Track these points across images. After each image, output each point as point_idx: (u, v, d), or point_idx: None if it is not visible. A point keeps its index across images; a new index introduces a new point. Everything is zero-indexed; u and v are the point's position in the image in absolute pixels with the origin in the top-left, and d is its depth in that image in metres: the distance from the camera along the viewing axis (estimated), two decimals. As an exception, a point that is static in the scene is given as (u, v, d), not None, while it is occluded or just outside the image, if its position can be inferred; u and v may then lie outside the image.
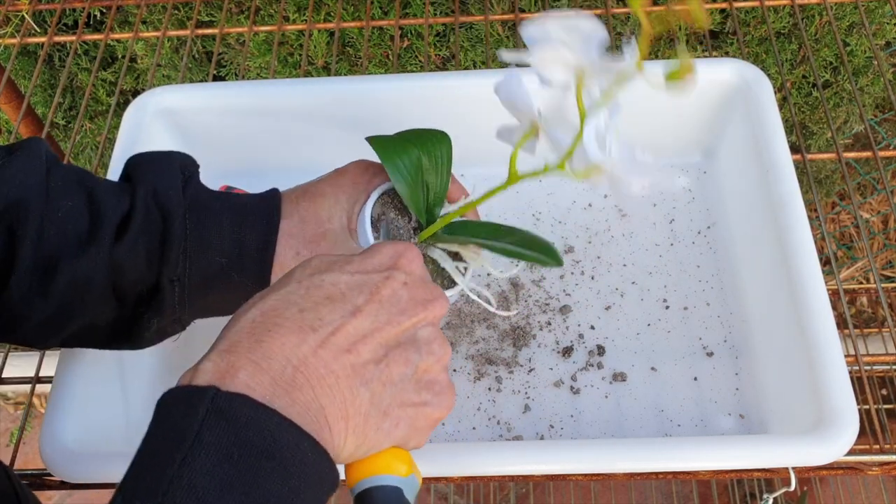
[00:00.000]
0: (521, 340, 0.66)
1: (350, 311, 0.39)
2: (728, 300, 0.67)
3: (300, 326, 0.37)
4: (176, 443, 0.32)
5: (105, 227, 0.47)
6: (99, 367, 0.58)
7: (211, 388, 0.34)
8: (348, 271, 0.41)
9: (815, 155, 0.72)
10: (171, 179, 0.50)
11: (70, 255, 0.46)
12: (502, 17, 0.87)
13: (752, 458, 0.51)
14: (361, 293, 0.39)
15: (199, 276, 0.50)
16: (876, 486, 1.35)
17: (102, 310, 0.49)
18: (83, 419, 0.55)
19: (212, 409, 0.33)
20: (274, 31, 0.88)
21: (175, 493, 0.31)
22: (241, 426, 0.33)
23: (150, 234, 0.48)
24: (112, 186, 0.50)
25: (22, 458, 0.60)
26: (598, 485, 1.39)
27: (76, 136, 1.09)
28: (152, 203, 0.49)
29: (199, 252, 0.49)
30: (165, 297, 0.49)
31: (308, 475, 0.34)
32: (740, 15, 1.00)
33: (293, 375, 0.36)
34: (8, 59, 0.99)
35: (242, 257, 0.50)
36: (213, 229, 0.49)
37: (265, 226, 0.50)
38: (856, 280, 1.43)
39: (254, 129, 0.72)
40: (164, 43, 1.02)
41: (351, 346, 0.38)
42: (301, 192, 0.53)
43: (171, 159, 0.51)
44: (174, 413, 0.34)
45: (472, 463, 0.52)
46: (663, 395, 0.62)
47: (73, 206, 0.47)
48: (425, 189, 0.52)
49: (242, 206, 0.51)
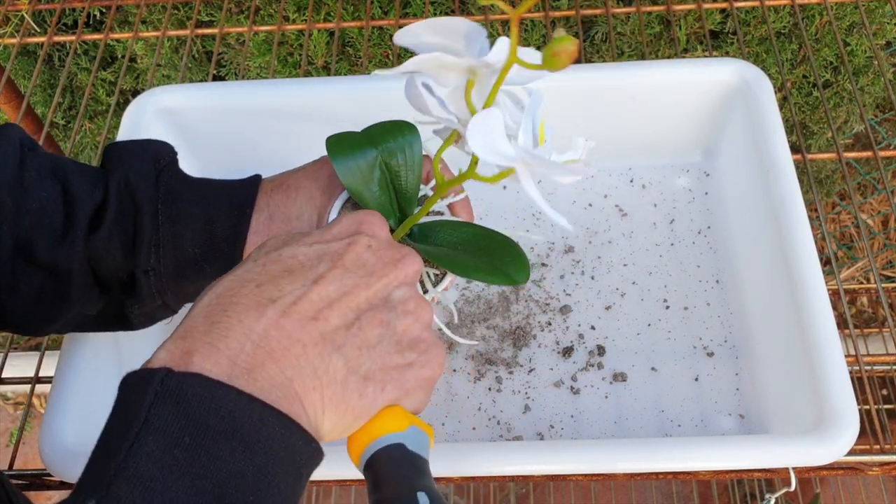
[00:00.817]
0: (521, 340, 0.66)
1: (312, 279, 0.37)
2: (728, 300, 0.67)
3: (258, 301, 0.35)
4: (124, 431, 0.31)
5: (79, 218, 0.46)
6: (99, 367, 0.58)
7: (161, 370, 0.32)
8: (306, 243, 0.39)
9: (816, 155, 0.72)
10: (144, 170, 0.49)
11: (46, 247, 0.46)
12: (502, 17, 0.87)
13: (753, 458, 0.51)
14: (322, 261, 0.38)
15: (172, 267, 0.49)
16: (876, 486, 1.35)
17: (87, 298, 0.48)
18: (83, 419, 0.55)
19: (161, 392, 0.31)
20: (274, 31, 0.88)
21: (119, 485, 0.29)
22: (193, 407, 0.31)
23: (123, 224, 0.48)
24: (87, 175, 0.49)
25: (22, 458, 0.60)
26: (598, 485, 1.39)
27: (76, 136, 1.09)
28: (125, 194, 0.48)
29: (171, 244, 0.48)
30: (142, 287, 0.48)
31: (276, 451, 0.33)
32: (740, 15, 1.00)
33: (253, 352, 0.34)
34: (8, 59, 0.99)
35: (213, 248, 0.49)
36: (185, 220, 0.48)
37: (236, 217, 0.49)
38: (856, 280, 1.43)
39: (254, 129, 0.72)
40: (164, 43, 1.02)
41: (317, 312, 0.36)
42: (277, 184, 0.51)
43: (145, 149, 0.50)
44: (125, 400, 0.32)
45: (472, 463, 0.51)
46: (663, 395, 0.62)
47: (46, 196, 0.47)
48: (390, 190, 0.49)
49: (216, 197, 0.50)
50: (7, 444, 1.64)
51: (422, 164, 0.49)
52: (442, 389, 0.64)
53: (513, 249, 0.48)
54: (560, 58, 0.36)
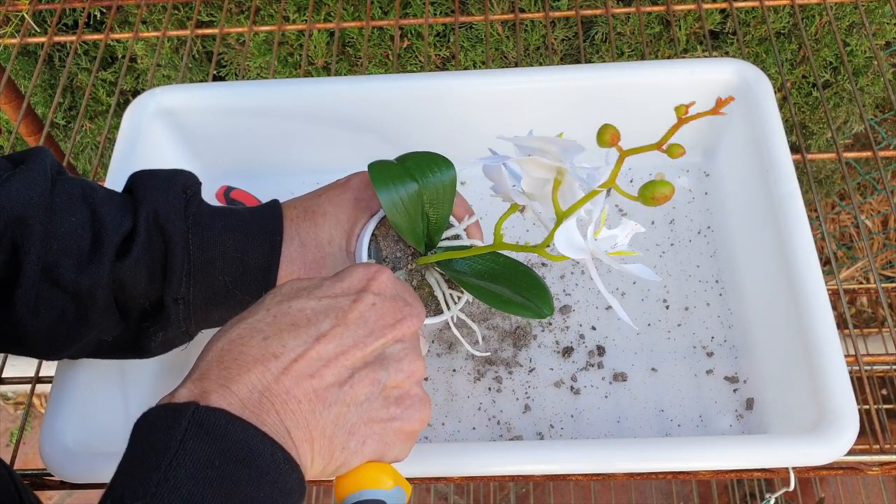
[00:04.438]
0: (521, 340, 0.66)
1: (314, 337, 0.40)
2: (728, 300, 0.67)
3: (263, 355, 0.39)
4: (161, 451, 0.34)
5: (107, 244, 0.48)
6: (99, 367, 0.58)
7: (192, 404, 0.36)
8: (316, 296, 0.42)
9: (815, 155, 0.72)
10: (173, 201, 0.50)
11: (72, 271, 0.47)
12: (502, 17, 0.87)
13: (752, 458, 0.51)
14: (328, 318, 0.41)
15: (203, 295, 0.50)
16: (876, 486, 1.35)
17: (106, 324, 0.49)
18: (83, 419, 0.55)
19: (193, 421, 0.35)
20: (274, 31, 0.88)
21: (162, 494, 0.33)
22: (220, 436, 0.35)
23: (151, 253, 0.49)
24: (115, 203, 0.50)
25: (22, 458, 0.60)
26: (598, 485, 1.39)
27: (76, 136, 1.09)
28: (153, 225, 0.49)
29: (202, 272, 0.50)
30: (171, 315, 0.50)
31: (281, 484, 0.36)
32: (740, 15, 1.00)
33: (259, 400, 0.37)
34: (8, 59, 0.99)
35: (246, 276, 0.51)
36: (216, 250, 0.50)
37: (268, 246, 0.51)
38: (856, 280, 1.43)
39: (254, 129, 0.72)
40: (164, 43, 1.02)
41: (314, 371, 0.39)
42: (302, 212, 0.53)
43: (173, 180, 0.52)
44: (157, 427, 0.36)
45: (472, 463, 0.52)
46: (663, 395, 0.62)
47: (75, 221, 0.48)
48: (425, 219, 0.52)
49: (245, 226, 0.51)
50: (7, 444, 1.64)
51: (453, 198, 0.53)
52: (442, 389, 0.64)
53: (536, 281, 0.52)
54: (657, 200, 0.40)
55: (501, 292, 0.51)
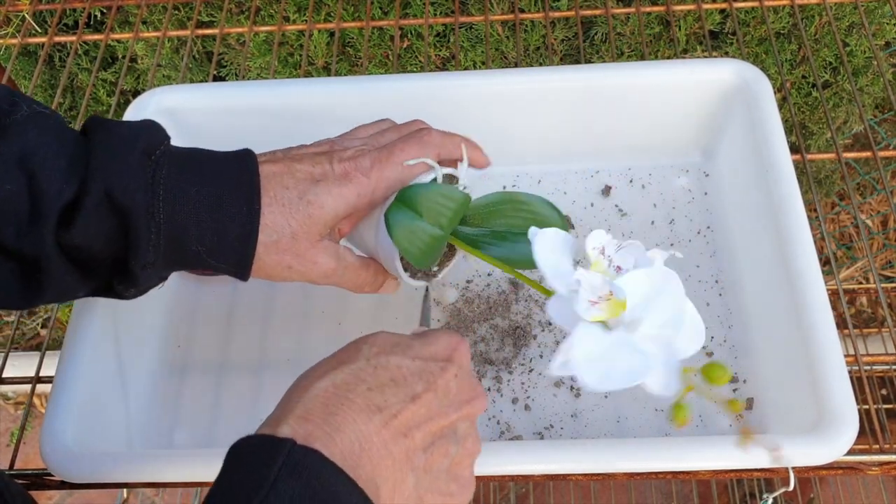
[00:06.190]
0: (521, 340, 0.66)
1: (410, 397, 0.41)
2: (728, 300, 0.67)
3: (368, 405, 0.40)
4: (254, 488, 0.35)
5: (46, 214, 0.45)
6: (99, 367, 0.58)
7: (288, 441, 0.37)
8: (410, 356, 0.43)
9: (815, 155, 0.72)
10: (133, 172, 0.46)
11: (13, 238, 0.45)
12: (502, 18, 0.87)
13: (752, 458, 0.51)
14: (421, 380, 0.42)
15: (173, 260, 0.48)
16: (876, 486, 1.36)
17: (66, 285, 0.47)
18: (83, 419, 0.55)
19: (287, 462, 0.36)
20: (274, 32, 0.88)
21: None
22: (311, 478, 0.36)
23: (102, 223, 0.46)
24: (61, 166, 0.46)
25: (22, 458, 0.60)
26: (598, 485, 1.39)
27: (76, 137, 1.09)
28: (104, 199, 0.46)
29: (173, 243, 0.47)
30: (138, 278, 0.48)
31: None
32: (740, 15, 1.00)
33: (359, 452, 0.38)
34: (8, 60, 0.99)
35: (222, 245, 0.48)
36: (189, 219, 0.47)
37: (246, 215, 0.48)
38: (855, 280, 1.43)
39: (254, 129, 0.72)
40: (165, 43, 1.02)
41: (408, 430, 0.40)
42: (284, 167, 0.52)
43: (134, 142, 0.47)
44: (254, 458, 0.37)
45: (472, 463, 0.52)
46: (663, 395, 0.62)
47: (10, 189, 0.45)
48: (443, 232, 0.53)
49: (218, 196, 0.48)
50: (7, 444, 1.64)
51: (466, 205, 0.54)
52: (442, 389, 0.64)
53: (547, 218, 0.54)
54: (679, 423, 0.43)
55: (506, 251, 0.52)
